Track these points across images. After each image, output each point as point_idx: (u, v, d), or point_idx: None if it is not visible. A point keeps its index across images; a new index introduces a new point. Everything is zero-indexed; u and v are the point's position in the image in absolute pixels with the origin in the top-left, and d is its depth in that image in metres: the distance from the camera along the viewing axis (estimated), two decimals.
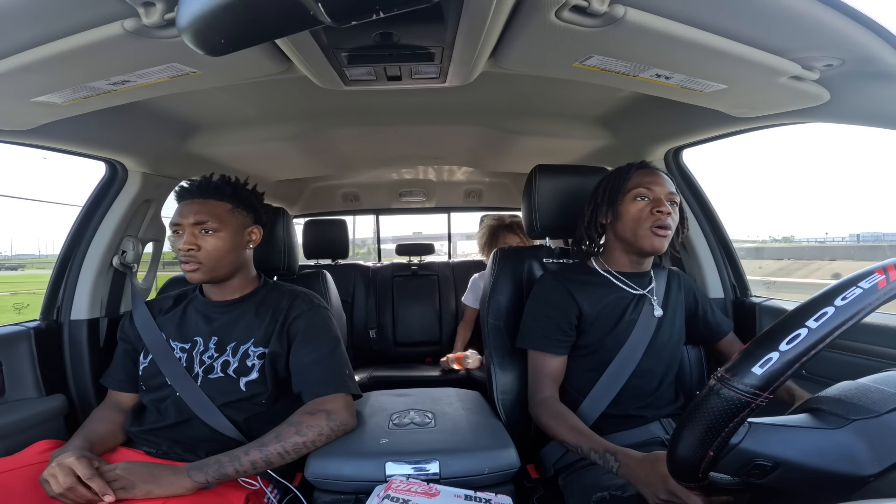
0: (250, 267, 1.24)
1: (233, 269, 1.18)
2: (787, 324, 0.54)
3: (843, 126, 1.07)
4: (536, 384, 1.17)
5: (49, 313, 1.46)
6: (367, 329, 2.77)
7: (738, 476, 0.59)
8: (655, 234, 1.12)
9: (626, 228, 1.16)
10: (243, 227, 1.18)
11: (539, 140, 1.75)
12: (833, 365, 1.21)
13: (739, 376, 0.53)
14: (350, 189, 3.02)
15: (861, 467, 0.54)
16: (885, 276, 0.52)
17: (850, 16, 0.72)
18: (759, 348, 0.54)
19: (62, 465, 0.89)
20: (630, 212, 1.15)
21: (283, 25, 0.56)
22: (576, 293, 1.18)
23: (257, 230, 1.22)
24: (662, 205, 1.12)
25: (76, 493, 0.88)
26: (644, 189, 1.14)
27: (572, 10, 0.71)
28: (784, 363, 0.52)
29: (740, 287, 1.60)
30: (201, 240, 1.12)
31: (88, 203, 1.50)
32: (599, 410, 1.13)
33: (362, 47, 0.85)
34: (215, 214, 1.13)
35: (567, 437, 1.03)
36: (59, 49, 0.74)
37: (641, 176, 1.17)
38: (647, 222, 1.12)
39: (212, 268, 1.13)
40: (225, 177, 1.20)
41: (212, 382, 1.10)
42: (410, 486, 0.90)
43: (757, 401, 0.52)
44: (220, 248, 1.13)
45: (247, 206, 1.20)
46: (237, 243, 1.16)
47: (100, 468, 0.92)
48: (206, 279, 1.16)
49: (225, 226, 1.13)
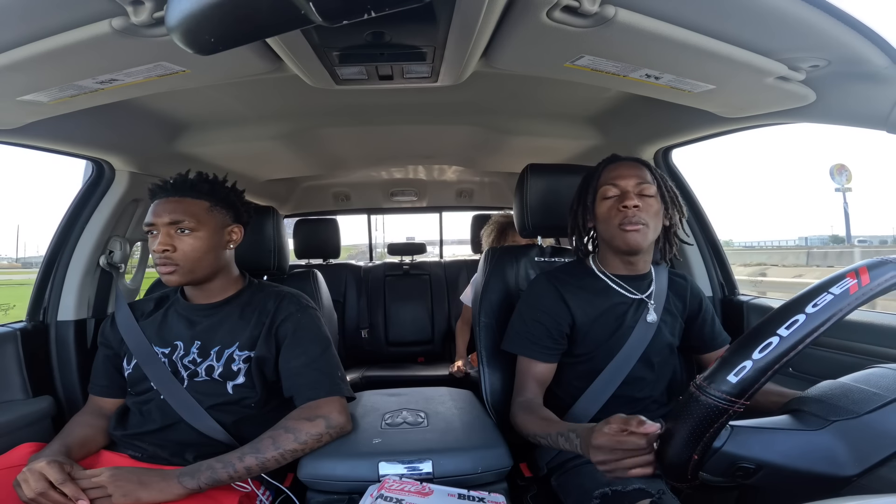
0: (232, 267, 1.20)
1: (212, 271, 1.13)
2: (759, 332, 0.55)
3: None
4: (520, 386, 1.14)
5: (35, 314, 1.44)
6: (359, 329, 2.76)
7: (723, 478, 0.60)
8: (625, 230, 1.05)
9: (602, 230, 1.12)
10: (222, 226, 1.14)
11: (530, 139, 1.76)
12: (818, 362, 1.22)
13: (716, 384, 0.54)
14: (341, 188, 3.00)
15: (842, 468, 0.55)
16: (856, 280, 0.53)
17: (835, 16, 0.73)
18: (733, 356, 0.55)
19: (33, 470, 0.87)
20: (601, 212, 1.10)
21: (273, 24, 0.56)
22: (570, 300, 1.13)
23: (238, 229, 1.17)
24: (628, 198, 1.05)
25: (48, 497, 0.85)
26: (610, 185, 1.09)
27: (563, 10, 0.72)
28: (757, 371, 0.53)
29: (728, 286, 1.61)
30: (177, 240, 1.06)
31: (75, 203, 1.48)
32: (589, 417, 1.10)
33: (354, 46, 0.85)
34: (192, 213, 1.07)
35: (537, 429, 0.99)
36: (45, 47, 0.73)
37: (609, 171, 1.11)
38: (615, 220, 1.07)
39: (189, 269, 1.08)
40: (202, 174, 1.15)
41: (198, 385, 1.08)
42: (404, 485, 0.90)
43: (734, 407, 0.53)
44: (198, 248, 1.07)
45: (226, 205, 1.14)
46: (216, 243, 1.11)
47: (73, 473, 0.89)
48: (184, 281, 1.10)
49: (202, 225, 1.08)
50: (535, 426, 1.00)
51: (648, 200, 1.08)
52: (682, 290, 1.23)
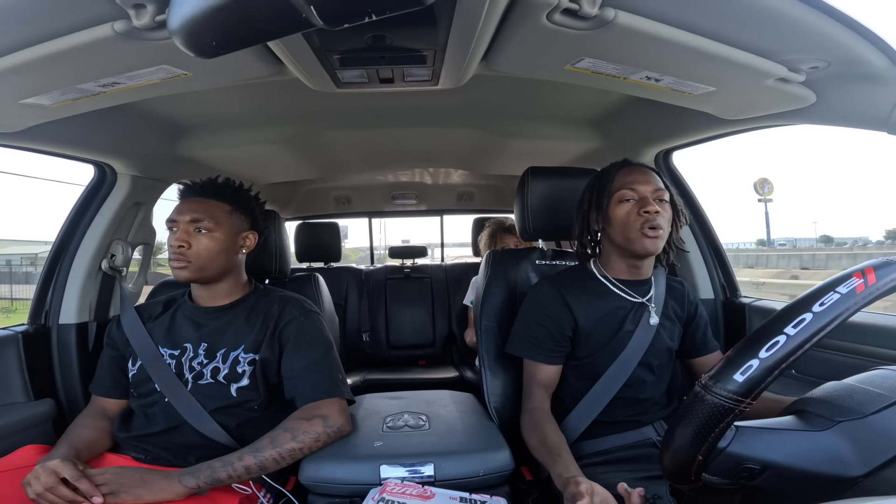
0: (241, 272, 1.23)
1: (221, 272, 1.16)
2: (766, 331, 0.54)
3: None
4: (527, 392, 1.15)
5: (37, 317, 1.44)
6: (360, 332, 2.76)
7: (727, 479, 0.59)
8: (646, 235, 1.06)
9: (616, 233, 1.12)
10: (238, 231, 1.17)
11: (531, 142, 1.76)
12: (821, 364, 1.22)
13: (722, 383, 0.54)
14: (342, 192, 3.01)
15: (848, 469, 0.54)
16: (863, 279, 0.53)
17: (835, 18, 0.73)
18: (739, 355, 0.54)
19: (45, 468, 0.88)
20: (618, 215, 1.10)
21: (275, 28, 0.56)
22: (572, 303, 1.14)
23: (252, 236, 1.21)
24: (649, 204, 1.06)
25: (57, 492, 0.86)
26: (628, 190, 1.10)
27: (564, 12, 0.72)
28: (764, 370, 0.52)
29: (730, 288, 1.61)
30: (194, 238, 1.11)
31: (77, 206, 1.49)
32: (591, 418, 1.11)
33: (354, 50, 0.85)
34: (212, 214, 1.12)
35: (536, 452, 1.02)
36: (48, 51, 0.74)
37: (624, 175, 1.12)
38: (635, 224, 1.07)
39: (200, 267, 1.11)
40: (229, 180, 1.20)
41: (202, 388, 1.09)
42: (405, 488, 0.89)
43: (740, 406, 0.53)
44: (212, 248, 1.11)
45: (245, 211, 1.19)
46: (229, 246, 1.15)
47: (87, 472, 0.90)
48: (193, 278, 1.13)
49: (220, 226, 1.13)
50: (536, 449, 1.03)
51: (665, 206, 1.10)
52: (679, 295, 1.24)
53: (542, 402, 1.13)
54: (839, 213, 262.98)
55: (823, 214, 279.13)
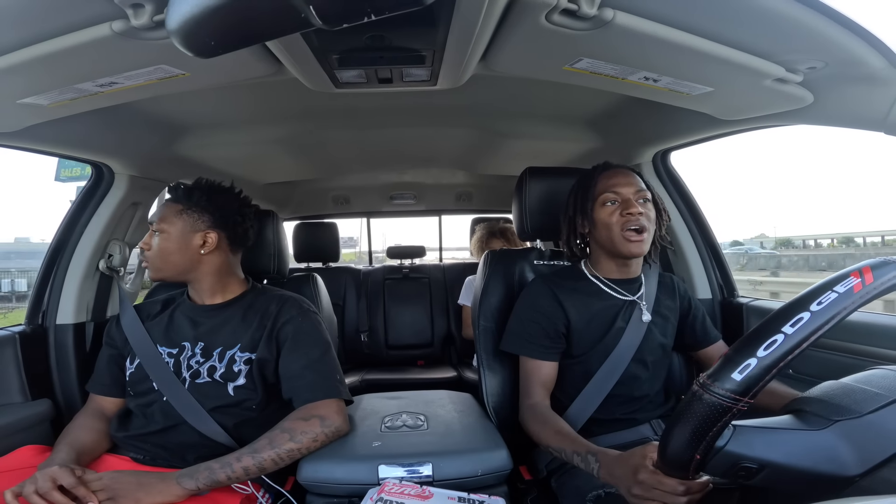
0: (231, 270, 1.21)
1: (182, 271, 1.16)
2: (763, 330, 0.55)
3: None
4: (525, 389, 1.16)
5: (34, 317, 1.44)
6: (359, 332, 2.76)
7: (725, 478, 0.59)
8: (629, 240, 1.09)
9: (601, 236, 1.14)
10: (192, 230, 1.15)
11: (529, 142, 1.76)
12: (818, 364, 1.22)
13: (720, 382, 0.54)
14: (341, 192, 3.00)
15: (845, 468, 0.55)
16: (860, 279, 0.53)
17: (832, 18, 0.73)
18: (737, 354, 0.55)
19: (44, 474, 0.88)
20: (602, 218, 1.13)
21: (273, 28, 0.56)
22: (564, 301, 1.16)
23: (214, 234, 1.16)
24: (632, 206, 1.09)
25: (51, 497, 0.86)
26: (611, 193, 1.12)
27: (562, 13, 0.72)
28: (762, 369, 0.53)
29: (727, 288, 1.61)
30: (153, 240, 1.15)
31: (74, 206, 1.48)
32: (586, 416, 1.12)
33: (353, 49, 0.85)
34: (164, 216, 1.15)
35: (551, 441, 1.01)
36: (45, 50, 0.74)
37: (606, 178, 1.14)
38: (618, 226, 1.10)
39: (157, 267, 1.15)
40: (200, 180, 1.22)
41: (199, 387, 1.09)
42: (403, 488, 0.89)
43: (738, 405, 0.53)
44: (163, 249, 1.14)
45: (201, 210, 1.16)
46: (182, 245, 1.14)
47: (83, 477, 0.90)
48: (156, 278, 1.19)
49: (171, 227, 1.14)
50: (550, 438, 1.02)
51: (648, 206, 1.12)
52: (670, 291, 1.26)
53: (542, 398, 1.13)
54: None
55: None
